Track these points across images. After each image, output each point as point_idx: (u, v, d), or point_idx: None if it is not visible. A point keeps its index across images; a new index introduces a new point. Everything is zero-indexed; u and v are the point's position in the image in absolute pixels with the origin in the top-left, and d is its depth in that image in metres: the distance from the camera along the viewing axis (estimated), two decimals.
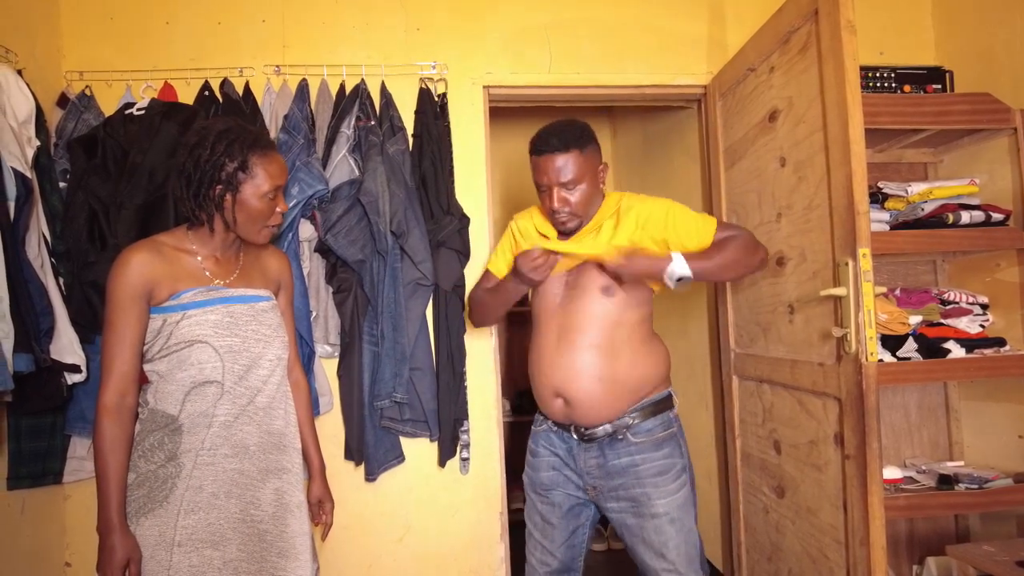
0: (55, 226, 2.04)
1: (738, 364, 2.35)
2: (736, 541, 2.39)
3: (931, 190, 2.18)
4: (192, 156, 1.40)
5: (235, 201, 1.42)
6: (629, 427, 1.65)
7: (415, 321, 2.22)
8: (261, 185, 1.43)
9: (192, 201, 1.41)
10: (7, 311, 1.69)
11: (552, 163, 1.64)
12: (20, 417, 1.97)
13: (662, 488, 1.63)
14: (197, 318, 1.39)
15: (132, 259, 1.37)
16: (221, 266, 1.48)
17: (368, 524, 2.34)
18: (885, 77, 2.29)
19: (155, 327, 1.39)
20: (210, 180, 1.40)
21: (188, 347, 1.38)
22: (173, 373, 1.39)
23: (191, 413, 1.39)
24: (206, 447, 1.39)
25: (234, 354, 1.42)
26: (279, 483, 1.47)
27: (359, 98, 2.28)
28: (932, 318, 2.19)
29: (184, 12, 2.36)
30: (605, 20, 2.52)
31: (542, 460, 1.76)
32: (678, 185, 3.07)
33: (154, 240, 1.44)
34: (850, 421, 1.69)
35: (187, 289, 1.41)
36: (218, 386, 1.40)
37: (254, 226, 1.46)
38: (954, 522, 2.45)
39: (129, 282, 1.36)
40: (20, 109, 1.88)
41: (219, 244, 1.48)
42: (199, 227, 1.46)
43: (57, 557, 2.20)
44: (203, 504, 1.37)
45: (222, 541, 1.38)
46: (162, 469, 1.37)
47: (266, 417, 1.47)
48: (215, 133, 1.41)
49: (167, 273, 1.40)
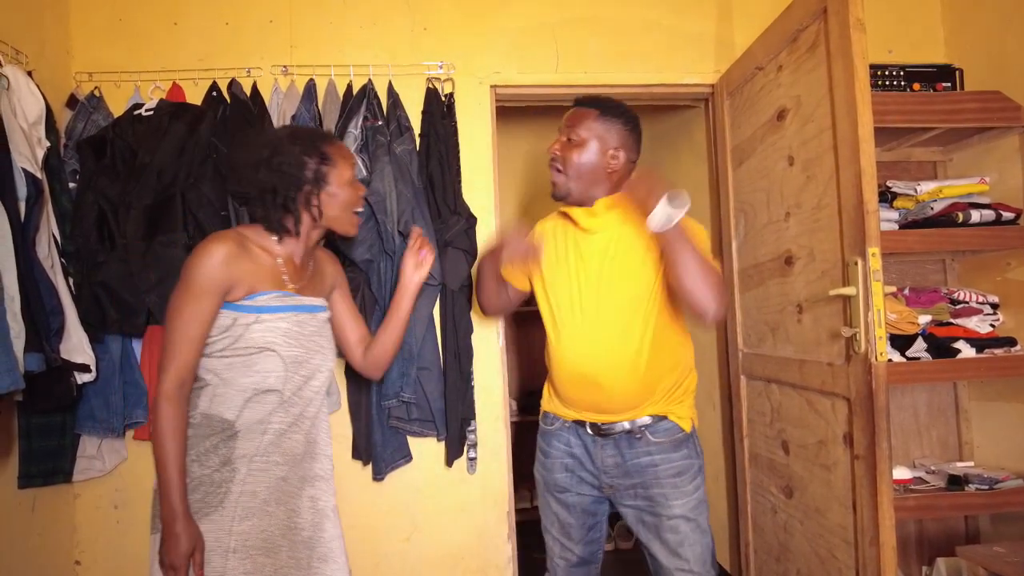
0: (64, 226, 2.05)
1: (746, 364, 2.34)
2: (744, 541, 2.38)
3: (940, 189, 2.17)
4: (271, 167, 1.39)
5: (326, 195, 1.43)
6: (648, 426, 1.64)
7: (422, 321, 2.22)
8: (344, 172, 1.45)
9: (281, 211, 1.41)
10: (18, 311, 1.70)
11: (571, 113, 1.68)
12: (31, 416, 1.98)
13: (680, 489, 1.62)
14: (269, 324, 1.37)
15: (219, 250, 1.34)
16: (296, 271, 1.48)
17: (375, 523, 2.35)
18: (894, 75, 2.27)
19: (223, 324, 1.36)
20: (297, 183, 1.40)
21: (257, 353, 1.36)
22: (236, 378, 1.37)
23: (248, 420, 1.38)
24: (260, 453, 1.38)
25: (297, 365, 1.41)
26: (313, 490, 1.47)
27: (366, 98, 2.28)
28: (942, 318, 2.18)
29: (192, 13, 2.37)
30: (612, 19, 2.52)
31: (556, 461, 1.73)
32: (685, 184, 3.05)
33: (239, 233, 1.42)
34: (859, 421, 1.68)
35: (265, 291, 1.39)
36: (278, 395, 1.39)
37: (347, 215, 1.48)
38: (964, 523, 2.44)
39: (212, 272, 1.33)
40: (30, 110, 1.89)
41: (299, 248, 1.47)
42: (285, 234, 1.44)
43: (67, 555, 2.21)
44: (256, 510, 1.37)
45: (274, 548, 1.38)
46: (217, 473, 1.35)
47: (312, 427, 1.47)
48: (286, 138, 1.42)
49: (249, 271, 1.38)
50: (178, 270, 2.01)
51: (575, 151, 1.64)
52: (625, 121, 1.67)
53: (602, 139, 1.64)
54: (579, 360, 1.64)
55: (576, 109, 1.69)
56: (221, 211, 2.11)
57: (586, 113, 1.65)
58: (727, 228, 2.45)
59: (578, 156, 1.64)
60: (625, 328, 1.61)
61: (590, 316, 1.63)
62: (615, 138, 1.65)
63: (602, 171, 1.65)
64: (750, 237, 2.29)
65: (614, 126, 1.65)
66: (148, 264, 2.03)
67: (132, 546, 2.24)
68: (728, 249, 2.43)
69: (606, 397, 1.63)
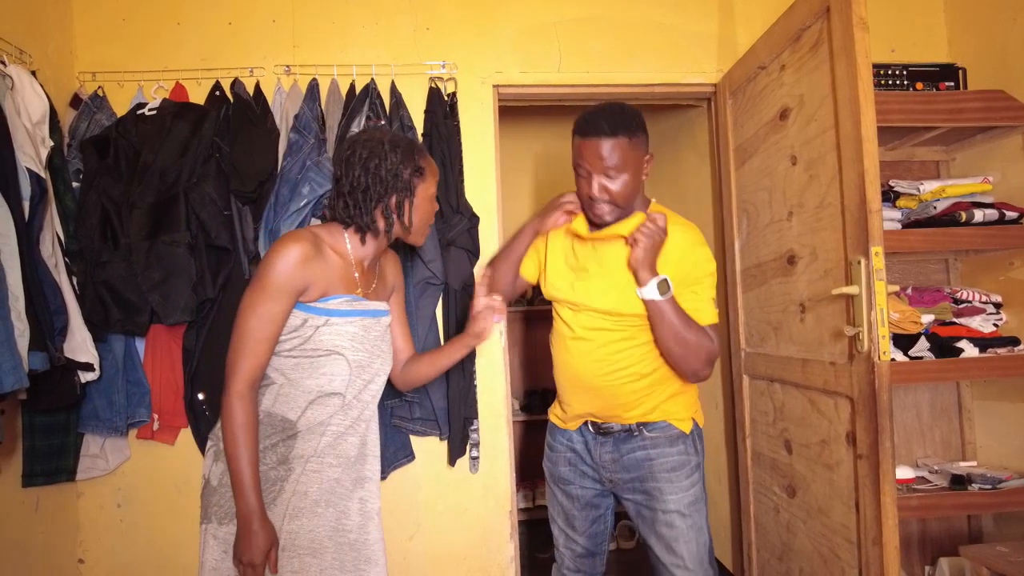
0: (68, 226, 2.06)
1: (748, 363, 2.34)
2: (746, 541, 2.38)
3: (943, 188, 2.17)
4: (366, 168, 1.40)
5: (410, 205, 1.45)
6: (644, 424, 1.65)
7: (425, 320, 2.23)
8: (430, 187, 1.48)
9: (372, 212, 1.42)
10: (22, 310, 1.71)
11: (597, 148, 1.51)
12: (34, 415, 1.99)
13: (675, 484, 1.63)
14: (338, 327, 1.38)
15: (299, 250, 1.34)
16: (366, 276, 1.49)
17: None
18: (897, 74, 2.27)
19: (294, 324, 1.36)
20: (390, 189, 1.42)
21: (325, 356, 1.37)
22: (302, 380, 1.37)
23: (309, 421, 1.38)
24: (316, 454, 1.39)
25: (360, 368, 1.42)
26: (363, 492, 1.48)
27: (369, 97, 2.28)
28: (945, 317, 2.17)
29: (195, 13, 2.37)
30: (614, 19, 2.52)
31: (560, 455, 1.77)
32: (688, 184, 3.07)
33: (315, 234, 1.41)
34: (862, 420, 1.68)
35: (337, 295, 1.39)
36: (340, 398, 1.40)
37: (423, 228, 1.50)
38: (967, 523, 2.43)
39: (289, 272, 1.32)
40: (34, 110, 1.90)
41: (372, 252, 1.48)
42: (371, 234, 1.45)
43: (70, 553, 2.22)
44: (306, 510, 1.37)
45: (320, 549, 1.38)
46: (273, 471, 1.36)
47: (367, 430, 1.48)
48: (387, 143, 1.43)
49: (323, 273, 1.38)
50: (181, 269, 2.06)
51: (616, 184, 1.54)
52: (640, 124, 1.58)
53: (637, 159, 1.55)
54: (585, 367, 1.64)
55: (600, 141, 1.51)
56: (224, 210, 2.12)
57: (615, 142, 1.51)
58: (729, 227, 2.44)
59: (622, 186, 1.55)
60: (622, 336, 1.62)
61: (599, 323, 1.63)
62: (644, 147, 1.58)
63: (639, 184, 1.61)
64: (753, 236, 2.29)
65: (639, 138, 1.56)
66: (151, 263, 2.04)
67: (135, 544, 2.25)
68: (731, 249, 2.43)
69: (606, 404, 1.65)
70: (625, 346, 1.61)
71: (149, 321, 2.10)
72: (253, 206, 2.16)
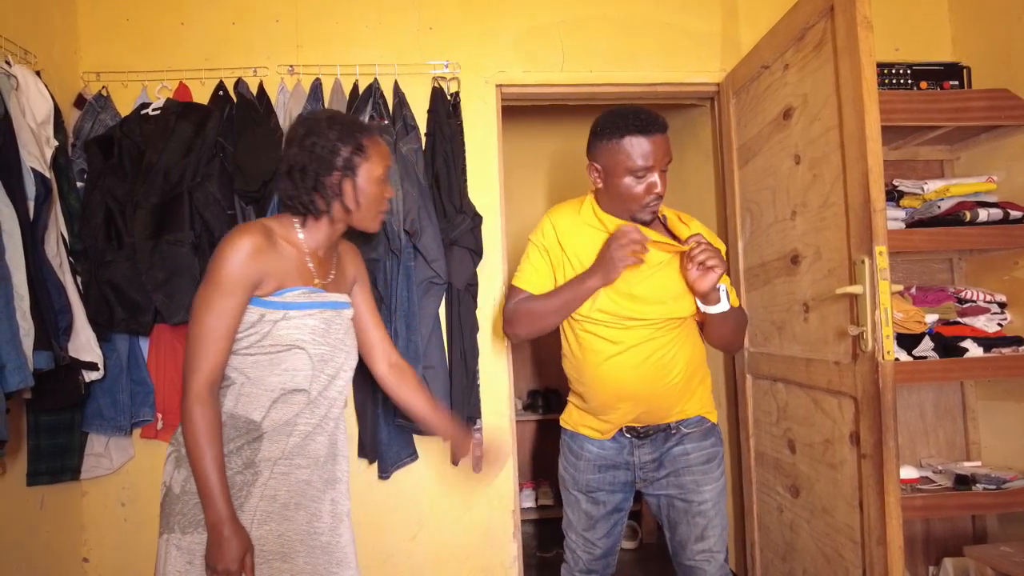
0: (73, 225, 2.06)
1: (752, 363, 2.34)
2: (750, 540, 2.38)
3: (948, 187, 2.16)
4: (305, 146, 1.36)
5: (352, 187, 1.38)
6: (682, 421, 1.69)
7: (428, 320, 2.23)
8: (375, 168, 1.41)
9: (311, 191, 1.36)
10: (27, 309, 1.71)
11: (660, 144, 1.56)
12: (39, 414, 1.99)
13: (709, 475, 1.68)
14: (297, 321, 1.34)
15: (249, 243, 1.29)
16: (322, 266, 1.44)
17: (382, 521, 2.35)
18: (901, 74, 2.26)
19: (250, 320, 1.31)
20: (328, 167, 1.36)
21: (285, 351, 1.33)
22: (263, 377, 1.33)
23: (275, 421, 1.34)
24: (284, 456, 1.34)
25: (324, 363, 1.37)
26: (334, 493, 1.45)
27: (372, 97, 2.29)
28: (949, 317, 2.17)
29: (199, 13, 2.37)
30: (617, 18, 2.51)
31: (588, 463, 1.74)
32: (691, 183, 3.06)
33: (265, 225, 1.36)
34: (866, 420, 1.68)
35: (294, 287, 1.35)
36: (304, 395, 1.35)
37: (370, 212, 1.43)
38: (971, 523, 2.43)
39: (242, 264, 1.27)
40: (39, 110, 1.90)
41: (324, 240, 1.43)
42: (309, 219, 1.40)
43: (75, 552, 2.22)
44: (275, 515, 1.33)
45: (291, 553, 1.34)
46: (239, 476, 1.31)
47: (335, 429, 1.45)
48: (325, 120, 1.38)
49: (277, 265, 1.33)
50: (185, 269, 2.06)
51: (664, 179, 1.60)
52: None
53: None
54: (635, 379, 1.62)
55: (660, 138, 1.56)
56: (228, 210, 2.12)
57: (665, 138, 1.58)
58: (733, 227, 2.44)
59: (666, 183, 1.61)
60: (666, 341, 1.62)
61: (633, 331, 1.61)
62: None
63: None
64: (756, 236, 2.29)
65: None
66: (155, 263, 2.04)
67: (139, 543, 2.25)
68: (734, 248, 2.43)
69: (652, 408, 1.66)
70: (671, 351, 1.63)
71: (153, 321, 2.10)
72: (257, 206, 2.16)
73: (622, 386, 1.62)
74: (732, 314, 1.64)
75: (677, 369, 1.63)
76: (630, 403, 1.64)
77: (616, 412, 1.66)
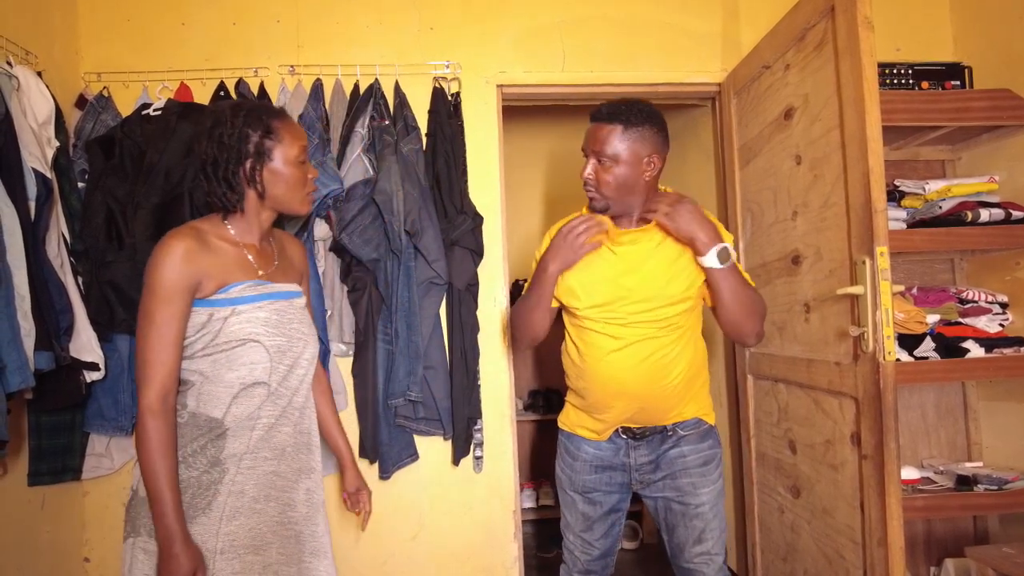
0: (74, 225, 2.06)
1: (753, 363, 2.34)
2: (751, 541, 2.38)
3: (949, 188, 2.16)
4: (213, 138, 1.33)
5: (269, 172, 1.36)
6: (678, 423, 1.68)
7: (429, 320, 2.23)
8: (289, 149, 1.37)
9: (224, 184, 1.33)
10: (28, 309, 1.71)
11: (593, 131, 1.56)
12: (40, 414, 2.00)
13: (707, 478, 1.67)
14: (248, 314, 1.32)
15: (180, 248, 1.27)
16: (262, 257, 1.42)
17: (382, 522, 2.35)
18: (902, 74, 2.26)
19: (199, 322, 1.30)
20: (238, 156, 1.33)
21: (240, 346, 1.32)
22: (221, 374, 1.32)
23: (237, 416, 1.33)
24: (249, 451, 1.33)
25: (281, 354, 1.36)
26: (309, 483, 1.44)
27: (373, 98, 2.29)
28: (950, 317, 2.17)
29: (199, 13, 2.38)
30: (618, 18, 2.51)
31: (585, 464, 1.74)
32: (692, 183, 3.06)
33: (195, 228, 1.34)
34: (867, 421, 1.67)
35: (237, 282, 1.33)
36: (265, 387, 1.35)
37: (295, 195, 1.40)
38: (973, 524, 2.42)
39: (176, 272, 1.26)
40: (40, 110, 1.90)
41: (256, 231, 1.41)
42: (234, 214, 1.38)
43: (76, 552, 2.22)
44: (244, 509, 1.32)
45: (263, 545, 1.34)
46: (205, 475, 1.30)
47: (300, 418, 1.43)
48: (229, 109, 1.36)
49: (214, 263, 1.31)
50: None
51: (608, 171, 1.55)
52: (652, 123, 1.57)
53: (634, 152, 1.55)
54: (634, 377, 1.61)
55: (597, 126, 1.56)
56: None
57: (610, 130, 1.54)
58: (734, 227, 2.44)
59: (612, 176, 1.55)
60: (668, 341, 1.61)
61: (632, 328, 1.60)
62: (648, 146, 1.56)
63: (638, 181, 1.58)
64: (757, 236, 2.29)
65: (644, 134, 1.55)
66: None
67: None
68: (735, 248, 2.42)
69: (649, 409, 1.65)
70: (672, 352, 1.61)
71: None
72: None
73: (621, 383, 1.61)
74: (735, 279, 1.54)
75: (678, 370, 1.61)
76: (627, 400, 1.63)
77: (612, 411, 1.65)
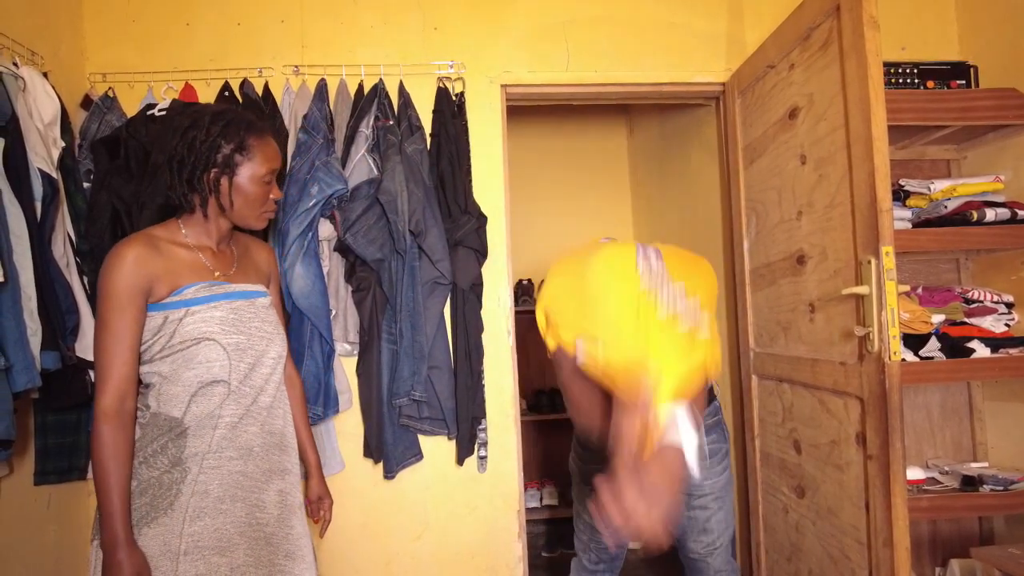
0: (79, 226, 2.07)
1: (757, 363, 2.34)
2: (755, 541, 2.38)
3: (954, 187, 2.16)
4: (185, 139, 1.33)
5: (232, 185, 1.36)
6: None
7: (433, 320, 2.23)
8: (258, 168, 1.38)
9: (185, 185, 1.34)
10: (35, 309, 1.72)
11: None
12: (46, 414, 2.00)
13: (711, 470, 1.69)
14: (202, 314, 1.33)
15: (129, 253, 1.29)
16: (219, 259, 1.42)
17: (386, 522, 2.36)
18: (907, 73, 2.25)
19: (155, 325, 1.32)
20: (205, 163, 1.34)
21: (195, 345, 1.32)
22: (178, 373, 1.32)
23: (197, 415, 1.33)
24: (212, 450, 1.33)
25: (240, 352, 1.37)
26: (282, 484, 1.43)
27: (377, 98, 2.29)
28: (955, 317, 2.16)
29: (204, 13, 2.38)
30: (623, 18, 2.51)
31: (595, 454, 1.73)
32: (697, 183, 3.05)
33: (147, 234, 1.36)
34: (872, 421, 1.67)
35: (189, 284, 1.34)
36: (225, 385, 1.35)
37: (251, 211, 1.41)
38: (978, 524, 2.42)
39: (126, 278, 1.27)
40: (45, 111, 1.91)
41: (214, 235, 1.41)
42: (191, 216, 1.39)
43: (82, 552, 2.23)
44: (209, 509, 1.32)
45: (229, 547, 1.33)
46: (166, 475, 1.30)
47: (268, 417, 1.43)
48: (210, 115, 1.36)
49: (166, 267, 1.33)
50: None
51: None
52: None
53: None
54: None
55: None
56: None
57: None
58: (738, 227, 2.44)
59: None
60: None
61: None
62: None
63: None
64: (762, 236, 2.29)
65: None
66: None
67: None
68: (739, 248, 2.42)
69: None
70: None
71: None
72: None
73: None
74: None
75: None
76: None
77: None
